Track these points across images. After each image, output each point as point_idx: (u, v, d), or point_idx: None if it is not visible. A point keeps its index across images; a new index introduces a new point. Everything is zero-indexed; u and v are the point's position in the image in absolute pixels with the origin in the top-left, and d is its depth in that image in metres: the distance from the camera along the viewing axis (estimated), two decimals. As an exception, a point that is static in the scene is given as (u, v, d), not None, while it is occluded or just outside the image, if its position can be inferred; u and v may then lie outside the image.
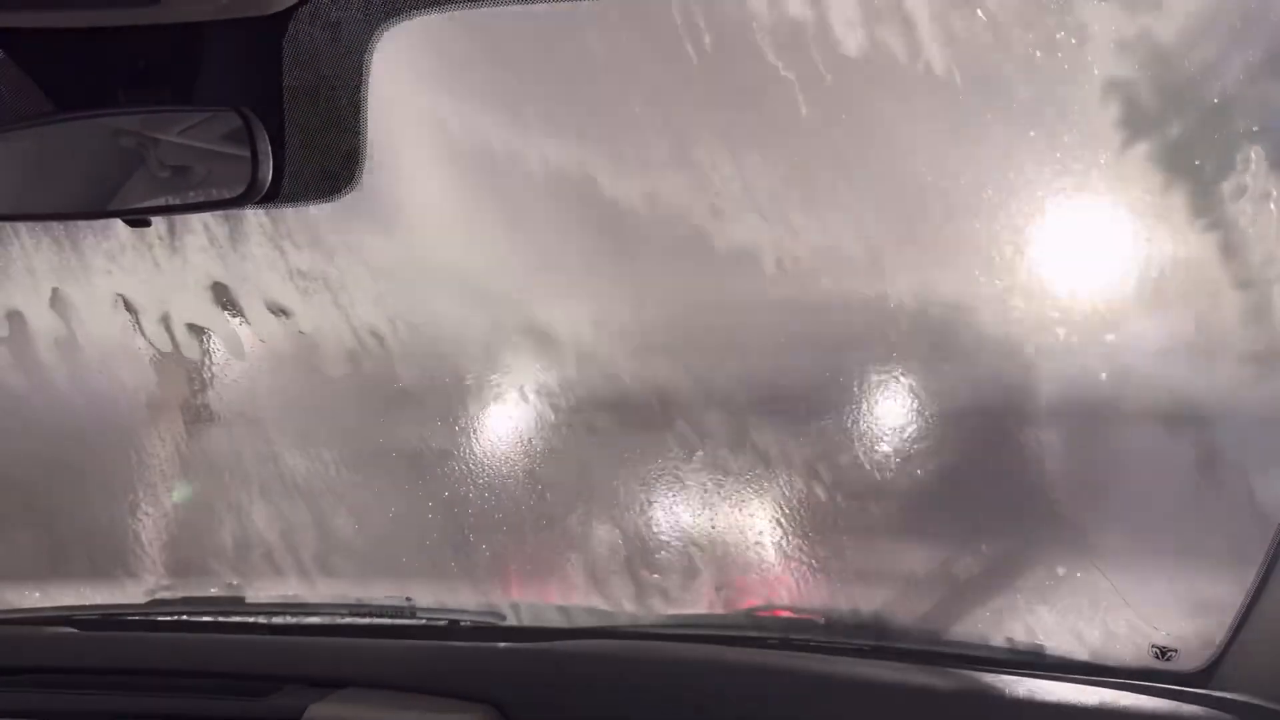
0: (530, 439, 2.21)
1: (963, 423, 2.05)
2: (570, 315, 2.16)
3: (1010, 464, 2.04)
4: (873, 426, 2.08)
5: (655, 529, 2.19)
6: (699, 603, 2.15)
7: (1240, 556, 1.75)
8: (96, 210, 1.40)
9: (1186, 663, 1.75)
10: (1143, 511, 1.96)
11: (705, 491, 2.16)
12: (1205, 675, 1.69)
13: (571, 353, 2.17)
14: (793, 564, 2.13)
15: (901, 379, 2.04)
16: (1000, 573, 2.02)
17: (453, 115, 2.04)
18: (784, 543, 2.14)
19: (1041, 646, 1.96)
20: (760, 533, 2.15)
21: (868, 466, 2.08)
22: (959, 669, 1.62)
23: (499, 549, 2.26)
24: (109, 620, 1.88)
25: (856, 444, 2.09)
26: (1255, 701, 1.55)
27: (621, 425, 2.20)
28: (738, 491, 2.15)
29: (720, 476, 2.14)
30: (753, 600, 2.14)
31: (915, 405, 2.05)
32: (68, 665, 1.74)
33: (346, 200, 1.33)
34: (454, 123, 2.05)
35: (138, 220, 1.40)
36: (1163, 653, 1.78)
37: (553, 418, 2.20)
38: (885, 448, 2.08)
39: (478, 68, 1.97)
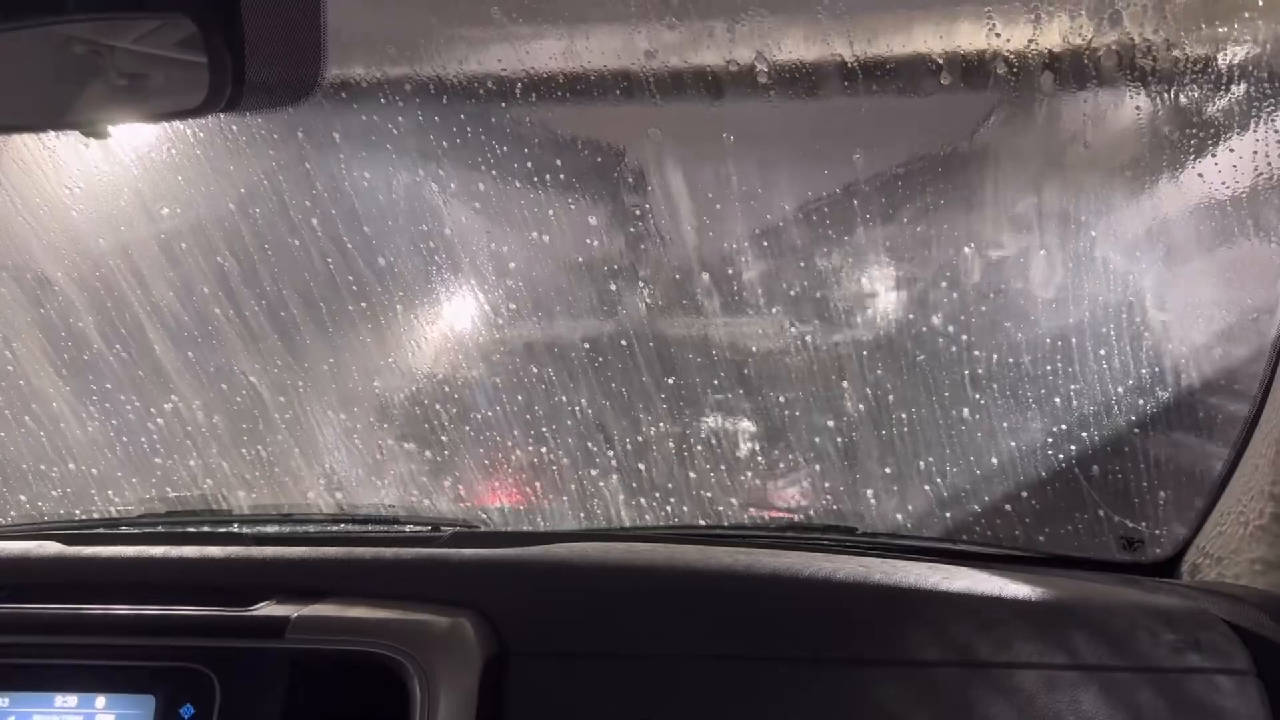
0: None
1: (923, 314, 2.06)
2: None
3: (976, 354, 2.05)
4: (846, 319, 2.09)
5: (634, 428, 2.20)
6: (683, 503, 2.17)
7: (1207, 446, 1.78)
8: (52, 121, 1.36)
9: (1153, 552, 1.78)
10: (1112, 403, 1.98)
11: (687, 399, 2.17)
12: (1172, 564, 1.73)
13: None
14: (779, 465, 2.16)
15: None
16: (967, 465, 2.05)
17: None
18: (765, 443, 2.16)
19: (1007, 537, 1.99)
20: (743, 434, 2.17)
21: (838, 365, 2.09)
22: (926, 561, 1.64)
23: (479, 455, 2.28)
24: (94, 535, 1.88)
25: (825, 338, 2.10)
26: (1220, 589, 1.58)
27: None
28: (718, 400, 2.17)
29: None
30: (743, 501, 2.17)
31: (886, 299, 2.05)
32: (54, 581, 1.74)
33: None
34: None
35: (96, 131, 1.36)
36: (1130, 543, 1.81)
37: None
38: (852, 343, 2.09)
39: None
